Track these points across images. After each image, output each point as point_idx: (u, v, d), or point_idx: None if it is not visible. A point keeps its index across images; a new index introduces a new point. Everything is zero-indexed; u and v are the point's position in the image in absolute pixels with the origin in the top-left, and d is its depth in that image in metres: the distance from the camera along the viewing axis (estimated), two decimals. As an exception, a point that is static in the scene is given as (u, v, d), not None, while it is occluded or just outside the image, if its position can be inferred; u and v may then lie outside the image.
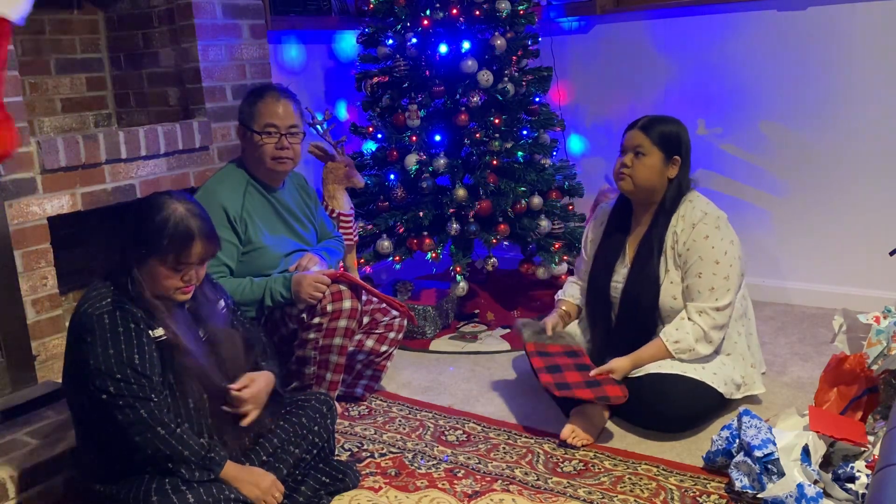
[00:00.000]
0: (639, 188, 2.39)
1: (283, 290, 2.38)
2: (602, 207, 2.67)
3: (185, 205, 1.84)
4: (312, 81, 3.70)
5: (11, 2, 1.58)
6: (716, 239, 2.33)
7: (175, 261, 1.80)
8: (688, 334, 2.31)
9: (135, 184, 2.78)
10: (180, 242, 1.79)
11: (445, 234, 3.24)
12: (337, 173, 3.10)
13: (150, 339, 1.78)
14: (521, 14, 3.28)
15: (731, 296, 2.33)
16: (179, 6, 2.94)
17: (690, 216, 2.38)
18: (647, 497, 2.02)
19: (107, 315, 1.75)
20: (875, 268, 3.19)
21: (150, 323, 1.80)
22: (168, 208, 1.81)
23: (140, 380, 1.73)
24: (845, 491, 1.87)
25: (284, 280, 2.39)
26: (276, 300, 2.39)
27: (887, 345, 2.13)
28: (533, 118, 3.42)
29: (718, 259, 2.32)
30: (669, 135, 2.38)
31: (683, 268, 2.37)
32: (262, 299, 2.39)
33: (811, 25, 3.19)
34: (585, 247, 2.67)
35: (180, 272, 1.82)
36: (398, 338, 2.73)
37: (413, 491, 2.12)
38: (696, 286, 2.34)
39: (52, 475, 2.09)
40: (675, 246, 2.38)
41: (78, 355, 1.77)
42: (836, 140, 3.22)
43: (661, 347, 2.34)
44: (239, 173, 2.53)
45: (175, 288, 1.84)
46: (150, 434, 1.72)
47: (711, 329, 2.31)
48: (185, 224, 1.80)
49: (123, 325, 1.75)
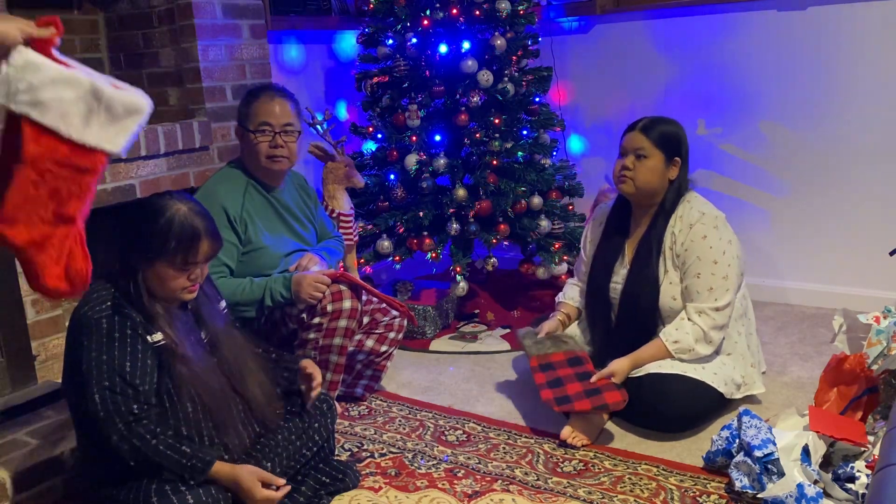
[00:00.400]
0: (640, 190, 2.39)
1: (283, 289, 2.38)
2: (601, 208, 2.67)
3: (187, 204, 1.84)
4: (312, 81, 3.70)
5: (112, 135, 1.51)
6: (714, 239, 2.33)
7: (183, 261, 1.80)
8: (687, 334, 2.31)
9: (135, 184, 2.77)
10: (187, 242, 1.79)
11: (445, 234, 3.24)
12: (337, 173, 3.10)
13: (147, 345, 1.78)
14: (521, 14, 3.28)
15: (731, 296, 2.33)
16: (179, 6, 2.94)
17: (688, 217, 2.38)
18: (647, 497, 2.02)
19: (105, 319, 1.75)
20: (875, 268, 3.19)
21: (149, 328, 1.79)
22: (171, 209, 1.80)
23: (126, 390, 1.72)
24: (845, 491, 1.87)
25: (284, 280, 2.39)
26: (276, 300, 2.39)
27: (887, 345, 2.13)
28: (533, 118, 3.42)
29: (717, 259, 2.32)
30: (670, 136, 2.38)
31: (682, 268, 2.37)
32: (262, 299, 2.39)
33: (811, 25, 3.19)
34: (584, 247, 2.67)
35: (187, 272, 1.83)
36: (398, 338, 2.73)
37: (413, 491, 2.12)
38: (694, 287, 2.34)
39: (52, 475, 2.09)
40: (674, 247, 2.38)
41: (75, 357, 1.77)
42: (836, 140, 3.22)
43: (661, 347, 2.34)
44: (238, 174, 2.53)
45: (182, 288, 1.84)
46: (126, 446, 1.72)
47: (711, 329, 2.31)
48: (190, 223, 1.80)
49: (120, 330, 1.75)
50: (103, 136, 1.52)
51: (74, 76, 1.48)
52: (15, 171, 1.46)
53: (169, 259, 1.79)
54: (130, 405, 1.73)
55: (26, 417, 2.31)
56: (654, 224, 2.41)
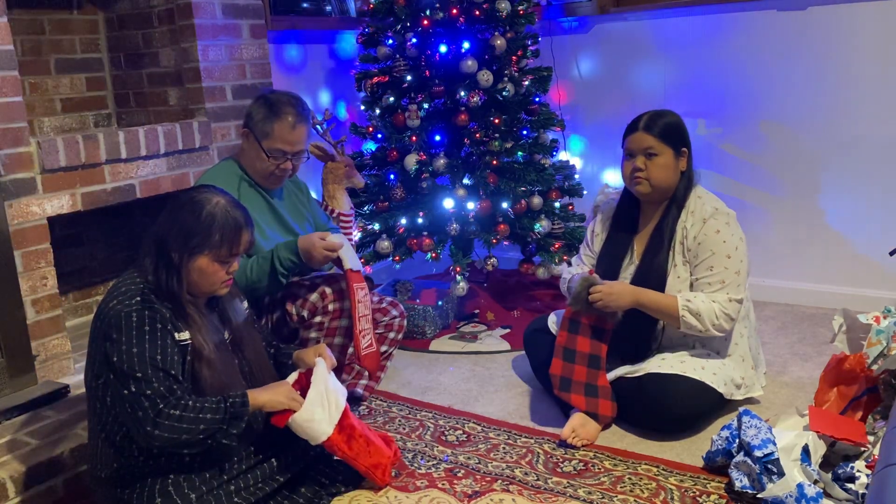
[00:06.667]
0: (656, 189, 2.38)
1: (290, 255, 2.35)
2: (607, 202, 2.63)
3: (224, 196, 1.86)
4: (312, 81, 3.70)
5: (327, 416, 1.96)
6: (727, 234, 2.33)
7: (227, 253, 1.83)
8: (702, 302, 2.28)
9: (135, 184, 2.78)
10: (231, 234, 1.82)
11: (445, 234, 3.24)
12: (337, 173, 3.10)
13: (175, 342, 1.78)
14: (521, 14, 3.28)
15: (743, 291, 2.32)
16: (179, 6, 2.95)
17: (700, 211, 2.37)
18: (647, 497, 2.02)
19: (135, 313, 1.75)
20: (875, 268, 3.19)
21: (177, 324, 1.80)
22: (211, 202, 1.83)
23: (158, 374, 1.73)
24: (845, 491, 1.87)
25: (288, 244, 2.37)
26: (287, 266, 2.36)
27: (887, 345, 2.13)
28: (533, 118, 3.42)
29: (730, 254, 2.32)
30: (674, 128, 2.37)
31: (693, 262, 2.36)
32: (271, 270, 2.36)
33: (811, 25, 3.19)
34: (590, 241, 2.63)
35: (228, 264, 1.85)
36: (398, 338, 2.73)
37: (413, 491, 2.12)
38: (706, 279, 2.32)
39: (52, 475, 2.09)
40: (685, 241, 2.37)
41: (102, 350, 1.77)
42: (836, 140, 3.22)
43: (671, 301, 2.29)
44: (233, 169, 2.50)
45: (222, 281, 1.86)
46: (162, 431, 1.71)
47: (722, 313, 2.28)
48: (232, 215, 1.83)
49: (150, 324, 1.75)
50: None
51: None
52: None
53: (214, 251, 1.81)
54: (164, 392, 1.73)
55: (26, 417, 2.31)
56: (667, 215, 2.40)
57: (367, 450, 2.05)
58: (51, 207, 2.51)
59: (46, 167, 2.47)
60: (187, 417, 1.73)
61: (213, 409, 1.76)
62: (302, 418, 1.89)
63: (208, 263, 1.82)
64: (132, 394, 1.71)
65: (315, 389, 1.93)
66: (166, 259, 1.80)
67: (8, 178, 2.38)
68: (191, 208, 1.82)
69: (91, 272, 3.19)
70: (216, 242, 1.80)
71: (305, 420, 1.89)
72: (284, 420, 1.89)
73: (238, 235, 1.84)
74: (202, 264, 1.81)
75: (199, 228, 1.80)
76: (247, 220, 1.87)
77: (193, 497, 1.80)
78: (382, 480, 2.10)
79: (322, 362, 2.02)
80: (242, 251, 1.88)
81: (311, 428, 1.90)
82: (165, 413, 1.71)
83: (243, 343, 1.99)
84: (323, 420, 1.91)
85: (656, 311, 2.33)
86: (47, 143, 2.47)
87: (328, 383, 1.98)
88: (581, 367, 2.35)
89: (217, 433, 1.76)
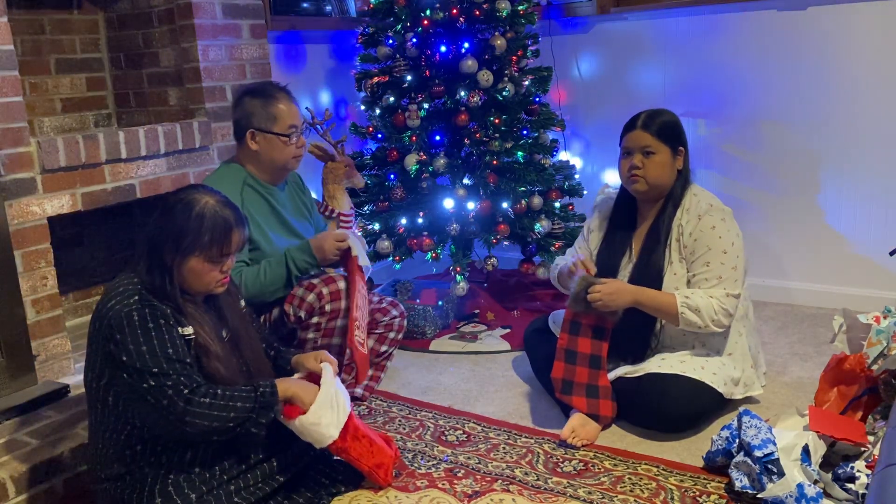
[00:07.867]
0: (653, 187, 2.38)
1: (306, 256, 2.40)
2: (605, 199, 2.63)
3: (213, 196, 1.86)
4: (312, 81, 3.70)
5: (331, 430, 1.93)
6: (722, 230, 2.33)
7: (218, 253, 1.83)
8: (701, 298, 2.28)
9: (135, 184, 2.78)
10: (221, 234, 1.82)
11: (445, 234, 3.24)
12: (337, 173, 3.10)
13: (180, 336, 1.79)
14: (521, 14, 3.28)
15: (740, 287, 2.32)
16: (179, 6, 2.95)
17: (696, 208, 2.37)
18: (647, 497, 2.02)
19: (136, 312, 1.75)
20: (875, 268, 3.19)
21: (180, 319, 1.81)
22: (199, 203, 1.82)
23: (175, 365, 1.73)
24: (845, 491, 1.87)
25: (301, 247, 2.42)
26: (302, 268, 2.40)
27: (887, 345, 2.13)
28: (533, 118, 3.42)
29: (726, 249, 2.32)
30: (671, 127, 2.38)
31: (689, 258, 2.36)
32: (287, 273, 2.39)
33: (811, 25, 3.19)
34: (586, 236, 2.62)
35: (220, 264, 1.85)
36: (398, 338, 2.73)
37: (413, 491, 2.12)
38: (703, 275, 2.32)
39: (52, 475, 2.09)
40: (681, 238, 2.38)
41: (104, 351, 1.77)
42: (836, 140, 3.22)
43: (670, 298, 2.30)
44: (235, 172, 2.51)
45: (216, 281, 1.87)
46: (198, 409, 1.73)
47: (720, 308, 2.29)
48: (221, 215, 1.83)
49: (153, 320, 1.75)
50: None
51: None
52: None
53: (205, 252, 1.81)
54: (184, 381, 1.74)
55: (26, 417, 2.31)
56: (663, 213, 2.41)
57: (370, 450, 2.05)
58: (51, 207, 2.51)
59: (46, 167, 2.47)
60: (217, 405, 1.74)
61: (243, 397, 1.78)
62: (309, 421, 1.88)
63: (200, 264, 1.82)
64: (153, 387, 1.72)
65: (325, 393, 1.93)
66: (159, 261, 1.81)
67: (8, 178, 2.38)
68: (181, 209, 1.82)
69: (91, 272, 3.19)
70: (206, 243, 1.80)
71: (312, 423, 1.89)
72: (294, 413, 1.89)
73: (228, 235, 1.83)
74: (194, 265, 1.82)
75: (188, 229, 1.80)
76: (237, 219, 1.86)
77: (193, 497, 1.80)
78: (385, 481, 2.10)
79: (329, 367, 2.02)
80: (234, 250, 1.87)
81: (317, 431, 1.90)
82: (196, 400, 1.73)
83: (241, 342, 1.99)
84: (331, 424, 1.91)
85: (655, 309, 2.33)
86: (47, 143, 2.47)
87: (336, 387, 1.98)
88: (582, 368, 2.35)
89: (247, 422, 1.78)
